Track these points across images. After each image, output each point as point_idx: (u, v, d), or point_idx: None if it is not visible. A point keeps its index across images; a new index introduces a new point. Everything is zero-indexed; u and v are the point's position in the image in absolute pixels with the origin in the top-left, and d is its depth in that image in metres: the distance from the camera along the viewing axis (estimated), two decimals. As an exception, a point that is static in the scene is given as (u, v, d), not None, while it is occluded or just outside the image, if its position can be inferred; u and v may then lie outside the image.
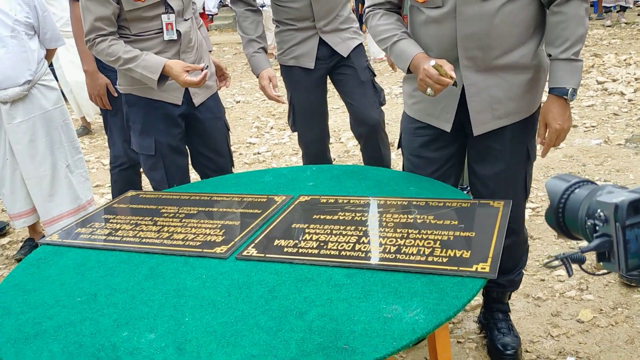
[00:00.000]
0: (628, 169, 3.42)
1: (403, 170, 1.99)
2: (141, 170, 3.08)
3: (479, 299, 2.26)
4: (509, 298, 2.06)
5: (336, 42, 2.58)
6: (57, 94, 2.98)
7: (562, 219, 0.83)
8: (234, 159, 2.58)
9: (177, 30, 2.18)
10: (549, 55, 1.65)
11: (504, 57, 1.66)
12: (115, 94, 2.76)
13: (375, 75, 2.72)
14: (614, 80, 5.47)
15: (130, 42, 2.13)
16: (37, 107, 2.86)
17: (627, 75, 5.53)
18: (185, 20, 2.24)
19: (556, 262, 0.80)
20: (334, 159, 4.26)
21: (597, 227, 0.74)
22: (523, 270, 2.00)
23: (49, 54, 3.02)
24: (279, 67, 2.70)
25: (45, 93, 2.89)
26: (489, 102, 1.71)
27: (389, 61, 3.25)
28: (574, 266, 0.84)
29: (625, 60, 6.08)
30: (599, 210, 0.74)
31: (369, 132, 2.67)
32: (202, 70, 2.11)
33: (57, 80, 3.57)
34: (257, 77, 2.55)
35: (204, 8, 14.09)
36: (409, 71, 1.70)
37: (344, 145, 4.67)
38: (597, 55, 6.65)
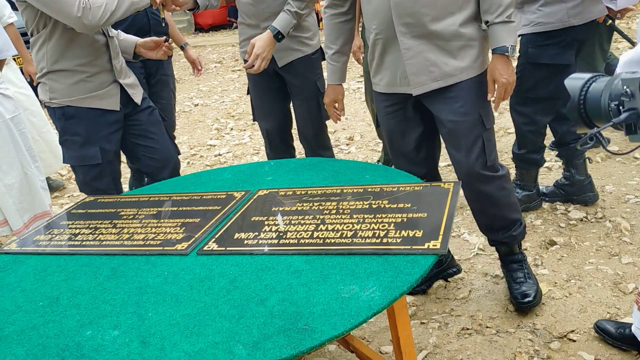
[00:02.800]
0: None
1: (385, 147, 2.08)
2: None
3: (440, 282, 2.34)
4: (520, 248, 2.16)
5: (277, 48, 2.47)
6: (13, 102, 2.95)
7: (583, 110, 0.94)
8: (194, 161, 2.62)
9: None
10: (486, 23, 1.83)
11: (434, 23, 1.83)
12: None
13: (322, 92, 2.63)
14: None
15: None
16: None
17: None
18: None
19: (589, 144, 0.91)
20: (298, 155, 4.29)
21: (623, 104, 0.86)
22: (523, 222, 2.10)
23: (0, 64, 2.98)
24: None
25: (2, 101, 2.85)
26: (425, 65, 1.88)
27: (355, 55, 3.31)
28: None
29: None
30: (624, 87, 0.85)
31: (309, 143, 2.74)
32: None
33: None
34: None
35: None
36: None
37: (305, 142, 4.71)
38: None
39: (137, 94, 2.38)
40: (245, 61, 2.37)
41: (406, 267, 1.23)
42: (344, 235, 1.40)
